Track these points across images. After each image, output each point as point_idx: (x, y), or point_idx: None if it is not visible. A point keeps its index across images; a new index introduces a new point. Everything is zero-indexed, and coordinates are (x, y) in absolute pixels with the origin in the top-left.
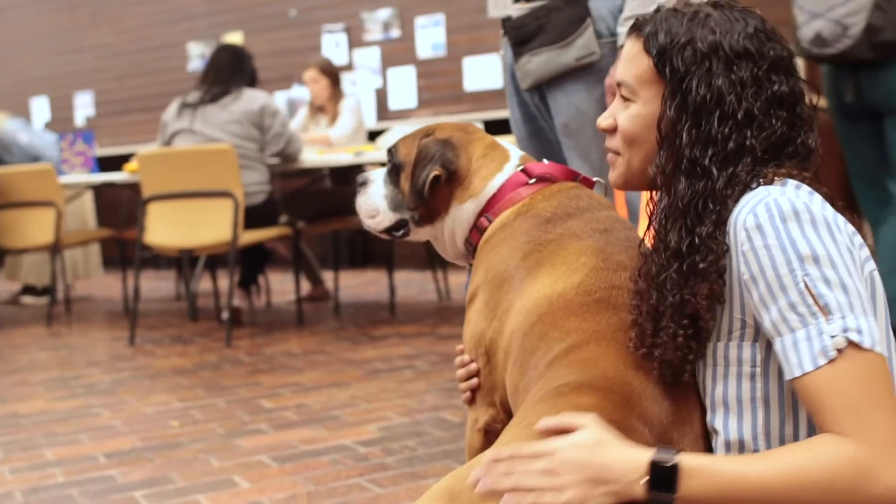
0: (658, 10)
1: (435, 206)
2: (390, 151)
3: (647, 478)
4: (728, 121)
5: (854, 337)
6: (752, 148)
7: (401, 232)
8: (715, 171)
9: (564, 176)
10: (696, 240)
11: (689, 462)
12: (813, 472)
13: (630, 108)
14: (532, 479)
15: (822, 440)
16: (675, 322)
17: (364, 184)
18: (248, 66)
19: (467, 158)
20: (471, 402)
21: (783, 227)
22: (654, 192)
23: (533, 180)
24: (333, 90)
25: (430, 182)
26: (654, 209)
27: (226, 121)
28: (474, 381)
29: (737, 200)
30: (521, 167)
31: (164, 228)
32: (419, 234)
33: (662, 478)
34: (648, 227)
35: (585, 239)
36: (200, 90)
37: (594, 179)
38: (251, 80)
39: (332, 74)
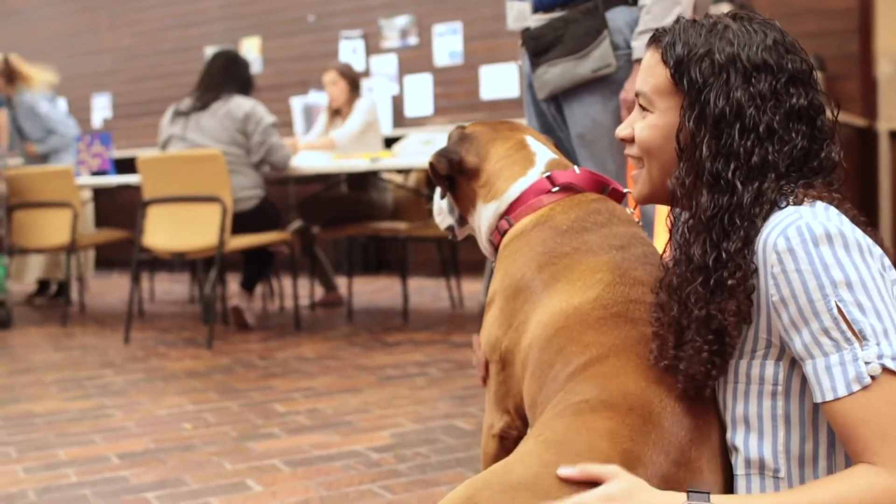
0: (678, 21)
1: (463, 203)
2: None
3: None
4: (749, 134)
5: (890, 364)
6: (774, 163)
7: (453, 235)
8: (739, 185)
9: (592, 186)
10: (724, 255)
11: None
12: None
13: (647, 118)
14: None
15: (858, 471)
16: (700, 336)
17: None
18: (242, 72)
19: (482, 155)
20: (484, 381)
21: (815, 251)
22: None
23: (556, 189)
24: (351, 94)
25: (433, 172)
26: (673, 222)
27: (213, 127)
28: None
29: (765, 218)
30: (548, 173)
31: (159, 231)
32: (463, 233)
33: None
34: (669, 240)
35: (602, 255)
36: (193, 97)
37: (625, 191)
38: (244, 87)
39: (352, 78)
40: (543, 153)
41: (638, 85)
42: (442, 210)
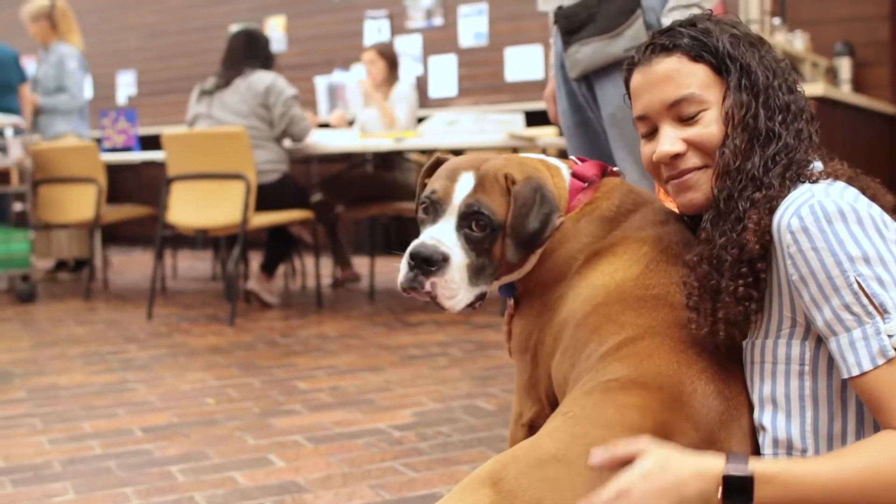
0: (669, 29)
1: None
2: (477, 215)
3: (723, 490)
4: (783, 87)
5: None
6: (802, 108)
7: (481, 302)
8: (784, 132)
9: (601, 172)
10: (764, 188)
11: (763, 470)
12: (884, 470)
13: (705, 116)
14: None
15: (888, 437)
16: (733, 279)
17: (444, 261)
18: (263, 49)
19: (554, 189)
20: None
21: (829, 228)
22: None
23: (586, 184)
24: (389, 73)
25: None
26: (715, 199)
27: (235, 102)
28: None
29: (806, 152)
30: (572, 173)
31: (183, 208)
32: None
33: (738, 489)
34: (715, 219)
35: (647, 230)
36: (217, 76)
37: (614, 169)
38: (266, 63)
39: (390, 58)
40: (555, 160)
41: (674, 94)
42: (460, 288)
